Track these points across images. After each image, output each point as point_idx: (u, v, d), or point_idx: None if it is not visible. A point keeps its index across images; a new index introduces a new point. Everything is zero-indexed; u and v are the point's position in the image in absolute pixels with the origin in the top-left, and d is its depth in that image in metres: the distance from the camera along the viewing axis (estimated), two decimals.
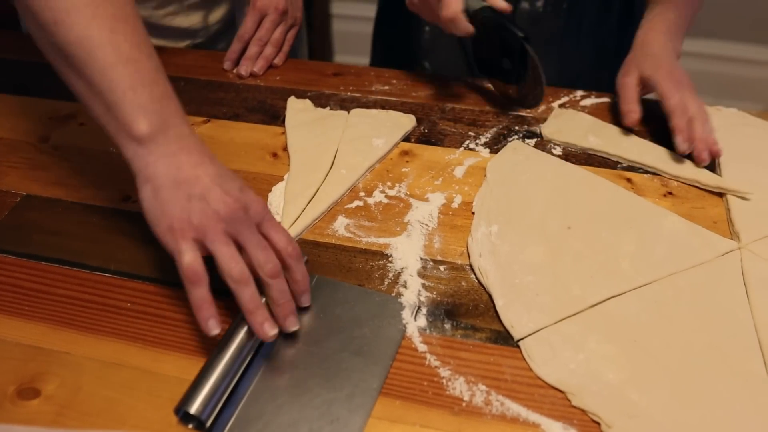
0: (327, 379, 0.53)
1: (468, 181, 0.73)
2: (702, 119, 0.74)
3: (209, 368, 0.52)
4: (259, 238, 0.55)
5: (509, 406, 0.52)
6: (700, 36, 2.10)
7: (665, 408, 0.52)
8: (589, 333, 0.57)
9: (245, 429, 0.50)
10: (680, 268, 0.63)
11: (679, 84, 0.77)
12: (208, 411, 0.50)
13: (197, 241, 0.54)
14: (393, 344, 0.56)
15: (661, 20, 0.83)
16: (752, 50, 2.13)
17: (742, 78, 2.17)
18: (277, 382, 0.54)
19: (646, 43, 0.82)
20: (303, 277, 0.57)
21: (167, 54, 0.98)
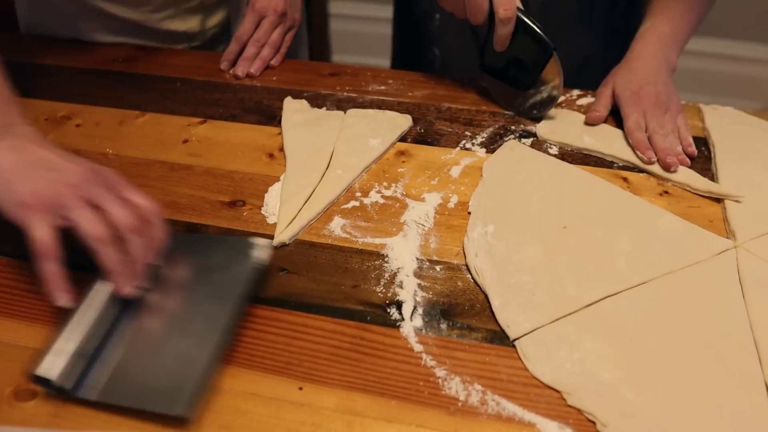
0: (184, 325, 0.56)
1: (464, 180, 0.73)
2: (662, 133, 0.77)
3: (64, 329, 0.53)
4: (116, 197, 0.56)
5: (505, 406, 0.52)
6: (700, 34, 2.11)
7: (661, 407, 0.52)
8: (585, 332, 0.57)
9: (113, 388, 0.52)
10: (676, 267, 0.63)
11: (641, 102, 0.79)
12: (61, 371, 0.51)
13: (52, 212, 0.54)
14: (242, 282, 0.58)
15: (652, 33, 0.85)
16: (751, 48, 2.13)
17: (741, 76, 2.17)
18: (141, 336, 0.56)
19: (633, 56, 0.84)
20: (162, 233, 0.59)
21: (164, 55, 0.98)
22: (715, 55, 2.15)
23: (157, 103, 0.87)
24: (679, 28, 0.85)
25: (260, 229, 0.67)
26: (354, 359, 0.55)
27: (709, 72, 2.16)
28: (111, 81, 0.90)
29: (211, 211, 0.70)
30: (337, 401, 0.52)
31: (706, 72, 2.16)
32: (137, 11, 0.95)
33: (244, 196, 0.71)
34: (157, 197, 0.71)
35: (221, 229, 0.67)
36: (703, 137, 0.81)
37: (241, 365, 0.55)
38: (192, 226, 0.68)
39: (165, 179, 0.74)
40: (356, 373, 0.54)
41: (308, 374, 0.54)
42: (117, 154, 0.78)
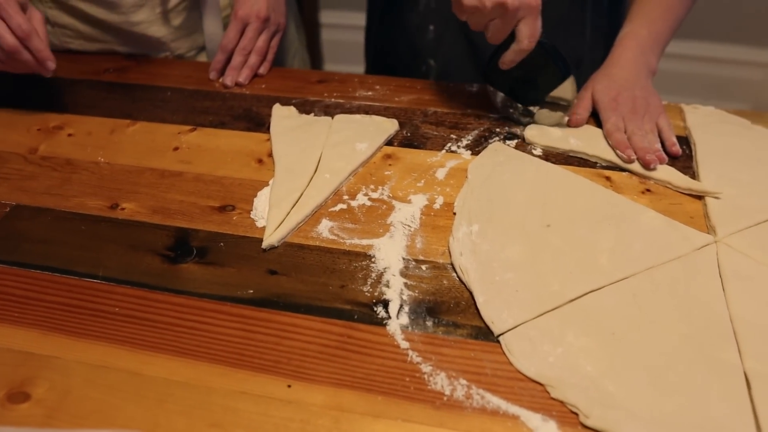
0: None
1: (450, 182, 0.75)
2: (640, 134, 0.78)
3: None
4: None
5: (489, 400, 0.53)
6: (689, 38, 2.13)
7: (642, 398, 0.53)
8: (568, 327, 0.58)
9: None
10: (657, 262, 0.64)
11: (618, 108, 0.81)
12: None
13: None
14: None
15: (632, 37, 0.86)
16: (739, 51, 2.15)
17: (730, 79, 2.19)
18: None
19: (612, 62, 0.86)
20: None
21: (155, 64, 1.00)
22: (704, 59, 2.17)
23: (147, 112, 0.88)
24: (659, 30, 0.87)
25: (249, 232, 0.68)
26: (341, 357, 0.56)
27: (698, 75, 2.18)
28: (102, 91, 0.92)
29: (201, 216, 0.71)
30: (325, 398, 0.53)
31: (695, 75, 2.18)
32: (113, 13, 0.96)
33: (234, 201, 0.73)
34: (149, 203, 0.72)
35: (211, 234, 0.68)
36: (684, 136, 0.82)
37: (231, 365, 0.56)
38: (182, 231, 0.69)
39: (156, 186, 0.75)
40: (344, 370, 0.55)
41: (297, 372, 0.55)
42: (109, 163, 0.79)
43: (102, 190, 0.75)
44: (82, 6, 0.95)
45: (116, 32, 0.98)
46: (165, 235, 0.69)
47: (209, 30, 1.01)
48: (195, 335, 0.58)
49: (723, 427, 0.51)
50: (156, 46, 1.01)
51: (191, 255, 0.66)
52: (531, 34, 0.75)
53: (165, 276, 0.64)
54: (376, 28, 1.14)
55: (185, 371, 0.55)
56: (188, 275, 0.64)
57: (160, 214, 0.71)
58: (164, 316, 0.60)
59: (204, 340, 0.58)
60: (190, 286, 0.63)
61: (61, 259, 0.66)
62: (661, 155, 0.77)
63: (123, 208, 0.72)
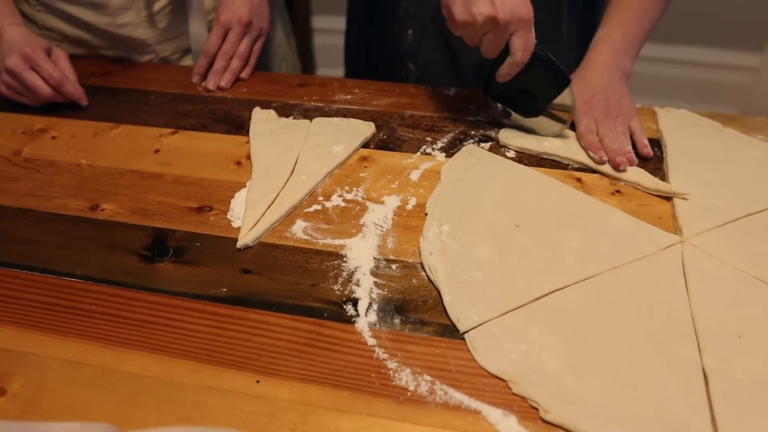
0: None
1: (423, 183, 0.76)
2: (612, 136, 0.80)
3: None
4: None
5: (452, 395, 0.54)
6: (678, 42, 2.14)
7: (601, 393, 0.54)
8: (532, 325, 0.60)
9: None
10: (623, 262, 0.66)
11: (591, 110, 0.83)
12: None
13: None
14: None
15: (606, 41, 0.88)
16: (728, 55, 2.17)
17: (720, 83, 2.20)
18: None
19: (586, 65, 0.88)
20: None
21: (139, 69, 1.01)
22: (694, 63, 2.19)
23: (131, 116, 0.90)
24: (633, 33, 0.89)
25: (225, 233, 0.70)
26: (310, 353, 0.58)
27: (687, 79, 2.20)
28: (88, 95, 0.93)
29: (179, 216, 0.72)
30: (292, 393, 0.55)
31: (684, 79, 2.20)
32: (100, 15, 0.98)
33: (212, 202, 0.74)
34: (128, 204, 0.74)
35: (188, 234, 0.70)
36: (656, 138, 0.84)
37: (202, 360, 0.57)
38: (160, 231, 0.70)
39: (136, 187, 0.77)
40: (311, 366, 0.57)
41: (266, 368, 0.57)
42: (91, 165, 0.81)
43: (83, 192, 0.76)
44: (69, 9, 0.97)
45: (102, 35, 1.00)
46: (143, 235, 0.70)
47: (195, 33, 1.03)
48: (168, 332, 0.60)
49: (679, 422, 0.52)
50: (141, 48, 1.02)
51: (168, 254, 0.68)
52: (524, 46, 0.76)
53: (141, 275, 0.66)
54: (356, 32, 1.16)
55: (158, 367, 0.57)
56: (164, 274, 0.66)
57: (139, 215, 0.73)
58: (139, 313, 0.62)
59: (177, 337, 0.59)
60: (165, 284, 0.64)
61: (41, 258, 0.68)
62: (631, 157, 0.78)
63: (103, 208, 0.74)
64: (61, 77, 0.87)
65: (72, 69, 0.91)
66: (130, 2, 0.97)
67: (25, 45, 0.87)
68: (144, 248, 0.69)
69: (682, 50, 2.17)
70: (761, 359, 0.57)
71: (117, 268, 0.66)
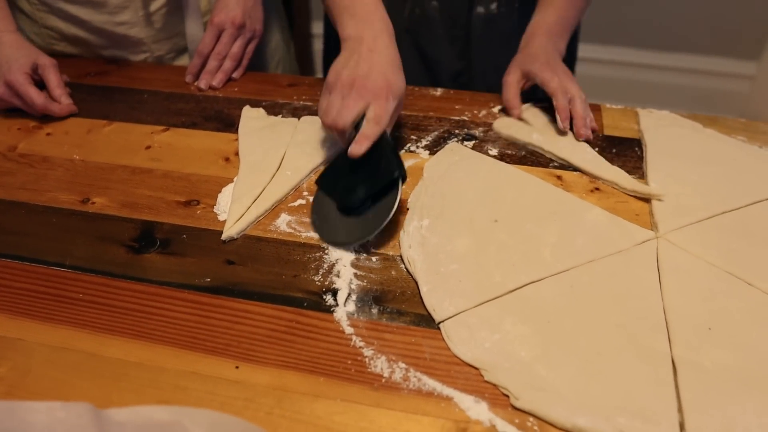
0: None
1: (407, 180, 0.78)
2: (581, 99, 0.84)
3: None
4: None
5: (426, 382, 0.56)
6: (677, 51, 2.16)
7: (571, 382, 0.56)
8: (506, 315, 0.61)
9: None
10: (598, 256, 0.67)
11: (556, 71, 0.85)
12: None
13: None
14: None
15: (541, 24, 0.92)
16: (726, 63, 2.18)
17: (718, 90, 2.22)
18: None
19: (527, 45, 0.91)
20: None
21: (134, 69, 1.04)
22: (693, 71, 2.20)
23: (124, 114, 0.92)
24: (566, 15, 0.93)
25: (211, 225, 0.72)
26: (289, 341, 0.59)
27: (686, 87, 2.21)
28: (83, 93, 0.96)
29: (167, 210, 0.74)
30: (270, 378, 0.56)
31: (683, 87, 2.21)
32: (98, 13, 1.01)
33: (199, 196, 0.76)
34: (118, 198, 0.76)
35: (175, 226, 0.72)
36: (637, 138, 0.86)
37: (184, 347, 0.59)
38: (148, 224, 0.72)
39: (126, 182, 0.79)
40: (289, 353, 0.58)
41: (245, 354, 0.58)
42: (83, 160, 0.83)
43: (75, 186, 0.78)
44: (68, 7, 0.99)
45: (99, 33, 1.02)
46: (131, 228, 0.72)
47: (191, 33, 1.05)
48: (152, 320, 0.62)
49: (647, 410, 0.53)
50: (137, 47, 1.05)
51: (155, 246, 0.70)
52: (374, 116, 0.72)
53: (129, 265, 0.67)
54: (334, 41, 1.18)
55: (141, 352, 0.59)
56: (151, 265, 0.67)
57: (129, 208, 0.75)
58: (125, 302, 0.64)
59: (160, 324, 0.61)
60: (151, 274, 0.66)
61: (32, 249, 0.70)
62: (594, 125, 0.84)
63: (93, 202, 0.76)
64: (43, 103, 0.89)
65: (60, 81, 0.93)
66: (127, 1, 0.99)
67: (11, 67, 0.89)
68: (132, 240, 0.70)
69: (679, 58, 2.18)
70: (730, 351, 0.58)
71: (105, 258, 0.68)
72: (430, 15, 1.02)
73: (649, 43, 2.17)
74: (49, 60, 0.92)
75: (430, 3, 1.01)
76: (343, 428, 0.52)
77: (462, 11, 1.02)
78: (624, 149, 0.84)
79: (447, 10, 1.02)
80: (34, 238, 0.71)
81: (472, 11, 1.01)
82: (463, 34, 1.04)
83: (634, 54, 2.18)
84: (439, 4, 1.01)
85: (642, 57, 2.18)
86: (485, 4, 1.01)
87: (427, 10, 1.02)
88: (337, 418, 0.53)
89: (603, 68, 2.17)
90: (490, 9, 1.01)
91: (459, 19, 1.03)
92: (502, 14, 1.02)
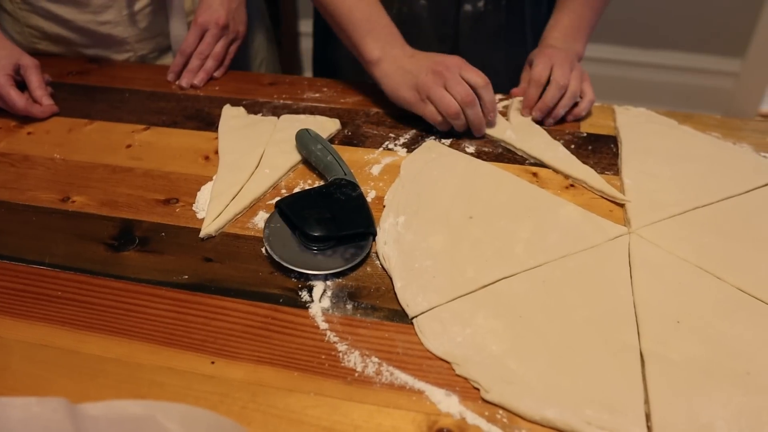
0: None
1: (383, 177, 0.79)
2: (558, 86, 0.86)
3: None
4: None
5: (398, 376, 0.57)
6: (661, 48, 2.18)
7: (540, 375, 0.57)
8: (478, 310, 0.62)
9: None
10: (571, 252, 0.68)
11: (551, 59, 0.87)
12: None
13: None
14: None
15: (557, 28, 0.92)
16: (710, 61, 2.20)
17: (702, 87, 2.23)
18: None
19: (541, 44, 0.93)
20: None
21: (115, 68, 1.04)
22: (677, 68, 2.22)
23: (105, 112, 0.93)
24: (583, 17, 0.94)
25: (190, 223, 0.73)
26: (264, 336, 0.60)
27: (670, 84, 2.23)
28: (65, 93, 0.96)
29: (146, 208, 0.75)
30: (245, 373, 0.57)
31: (667, 84, 2.23)
32: (81, 12, 1.01)
33: (179, 194, 0.77)
34: (98, 197, 0.77)
35: (154, 224, 0.73)
36: (613, 135, 0.87)
37: (160, 343, 0.60)
38: (127, 222, 0.73)
39: (106, 180, 0.79)
40: (265, 348, 0.59)
41: (221, 350, 0.59)
42: (64, 159, 0.83)
43: (55, 185, 0.79)
44: (51, 7, 1.00)
45: (82, 32, 1.03)
46: (111, 226, 0.73)
47: (175, 33, 1.06)
48: (130, 316, 0.62)
49: (614, 401, 0.54)
50: (120, 46, 1.05)
51: (133, 244, 0.70)
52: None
53: (107, 263, 0.68)
54: (322, 45, 1.19)
55: (118, 349, 0.59)
56: (129, 262, 0.68)
57: (108, 207, 0.75)
58: (103, 299, 0.64)
59: (138, 321, 0.62)
60: (129, 272, 0.67)
61: (11, 247, 0.70)
62: (556, 113, 0.87)
63: (74, 200, 0.76)
64: (24, 105, 0.89)
65: (42, 82, 0.93)
66: (111, 1, 1.00)
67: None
68: (111, 238, 0.71)
69: (664, 55, 2.20)
70: (698, 343, 0.59)
71: (84, 256, 0.69)
72: (418, 14, 1.03)
73: (634, 41, 2.19)
74: (32, 60, 0.92)
75: (418, 2, 1.02)
76: (316, 421, 0.53)
77: (450, 9, 1.03)
78: (600, 146, 0.85)
79: (435, 9, 1.03)
80: (13, 236, 0.72)
81: (460, 9, 1.03)
82: (452, 32, 1.05)
83: (619, 51, 2.20)
84: (427, 3, 1.02)
85: (627, 54, 2.20)
86: (473, 2, 1.02)
87: (416, 9, 1.03)
88: (310, 411, 0.54)
89: (588, 66, 2.18)
90: (478, 6, 1.03)
91: (447, 17, 1.04)
92: (489, 11, 1.03)
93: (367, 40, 0.87)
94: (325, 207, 0.70)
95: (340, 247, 0.68)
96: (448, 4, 1.03)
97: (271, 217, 0.71)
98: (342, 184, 0.73)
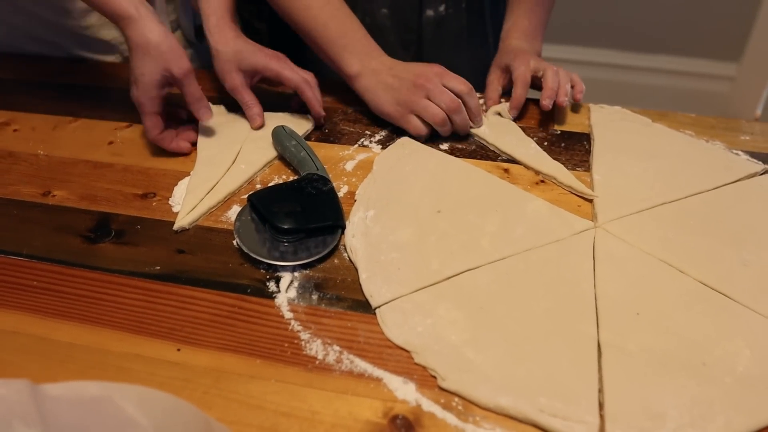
0: None
1: (357, 173, 0.80)
2: (552, 71, 0.87)
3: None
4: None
5: (358, 364, 0.58)
6: (656, 52, 2.18)
7: (497, 364, 0.58)
8: (441, 301, 0.64)
9: None
10: (536, 245, 0.69)
11: (527, 59, 0.89)
12: None
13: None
14: None
15: (515, 29, 0.95)
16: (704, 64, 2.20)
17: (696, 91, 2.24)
18: None
19: (503, 46, 0.95)
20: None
21: (102, 67, 1.06)
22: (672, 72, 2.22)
23: (90, 110, 0.94)
24: (539, 17, 0.96)
25: (166, 216, 0.74)
26: (230, 325, 0.62)
27: (665, 87, 2.23)
28: (51, 91, 0.98)
29: (124, 202, 0.77)
30: (210, 360, 0.59)
31: (662, 87, 2.23)
32: (65, 17, 1.03)
33: (156, 189, 0.79)
34: (78, 191, 0.79)
35: (131, 218, 0.74)
36: (587, 133, 0.88)
37: (129, 331, 0.61)
38: (105, 215, 0.75)
39: (87, 176, 0.81)
40: (230, 336, 0.61)
41: (187, 338, 0.61)
42: (47, 155, 0.85)
43: (37, 179, 0.81)
44: (36, 9, 1.02)
45: (68, 34, 1.05)
46: (88, 219, 0.75)
47: None
48: (102, 305, 0.64)
49: (568, 390, 0.55)
50: (106, 47, 1.07)
51: (109, 236, 0.72)
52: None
53: (83, 254, 0.70)
54: None
55: (88, 336, 0.61)
56: (104, 254, 0.70)
57: (87, 200, 0.77)
58: (77, 288, 0.66)
59: (108, 310, 0.64)
60: (104, 263, 0.69)
61: None
62: (561, 100, 0.87)
63: (54, 195, 0.78)
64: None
65: (200, 93, 0.83)
66: None
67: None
68: (88, 230, 0.73)
69: (660, 59, 2.20)
70: (655, 335, 0.60)
71: (61, 248, 0.71)
72: (381, 23, 1.04)
73: (630, 45, 2.19)
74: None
75: (380, 11, 1.04)
76: (275, 407, 0.55)
77: (412, 16, 1.04)
78: (572, 143, 0.86)
79: (397, 16, 1.04)
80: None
81: (422, 15, 1.04)
82: (415, 38, 1.06)
83: (615, 56, 2.21)
84: (389, 11, 1.04)
85: (623, 59, 2.21)
86: (434, 7, 1.04)
87: (378, 19, 1.04)
88: (270, 397, 0.56)
89: (583, 70, 2.18)
90: (439, 11, 1.04)
91: (410, 23, 1.05)
92: (450, 15, 1.04)
93: (344, 55, 0.88)
94: (295, 201, 0.72)
95: (309, 240, 0.70)
96: (410, 10, 1.04)
97: (242, 210, 0.73)
98: (314, 179, 0.75)
